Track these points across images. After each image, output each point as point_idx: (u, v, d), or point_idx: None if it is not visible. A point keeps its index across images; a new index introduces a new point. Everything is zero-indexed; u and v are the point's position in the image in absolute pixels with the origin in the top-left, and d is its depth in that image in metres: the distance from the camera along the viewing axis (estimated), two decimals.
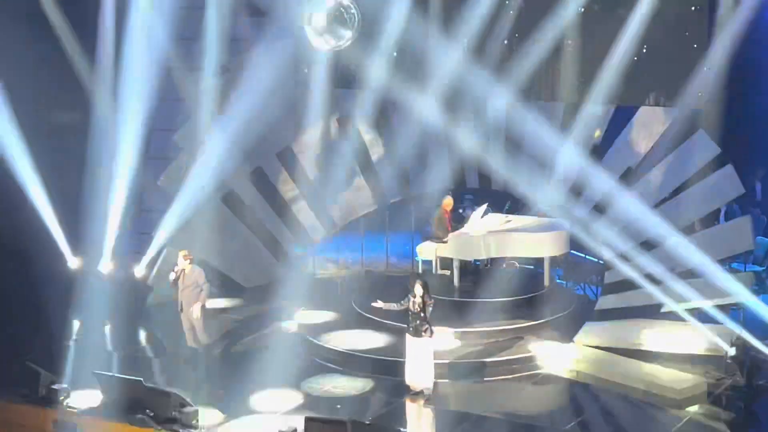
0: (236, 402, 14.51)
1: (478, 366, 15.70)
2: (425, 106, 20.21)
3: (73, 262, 19.50)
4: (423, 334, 14.57)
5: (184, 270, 15.85)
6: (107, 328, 17.63)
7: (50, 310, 17.98)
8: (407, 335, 14.74)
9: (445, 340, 16.01)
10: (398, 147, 20.52)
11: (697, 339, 15.59)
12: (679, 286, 16.39)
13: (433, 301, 14.61)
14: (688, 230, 17.79)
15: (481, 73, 19.30)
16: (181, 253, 16.03)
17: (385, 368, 15.58)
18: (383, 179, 20.61)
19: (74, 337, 17.09)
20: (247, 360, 16.18)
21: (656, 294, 16.43)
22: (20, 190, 18.00)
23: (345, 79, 20.11)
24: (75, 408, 14.25)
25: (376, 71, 19.41)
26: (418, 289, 14.56)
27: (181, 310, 15.95)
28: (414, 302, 14.58)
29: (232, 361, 16.25)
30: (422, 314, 14.54)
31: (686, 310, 15.99)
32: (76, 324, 17.64)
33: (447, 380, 15.39)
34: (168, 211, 19.01)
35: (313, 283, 19.88)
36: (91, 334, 17.27)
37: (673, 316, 16.27)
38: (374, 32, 18.89)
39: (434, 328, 14.67)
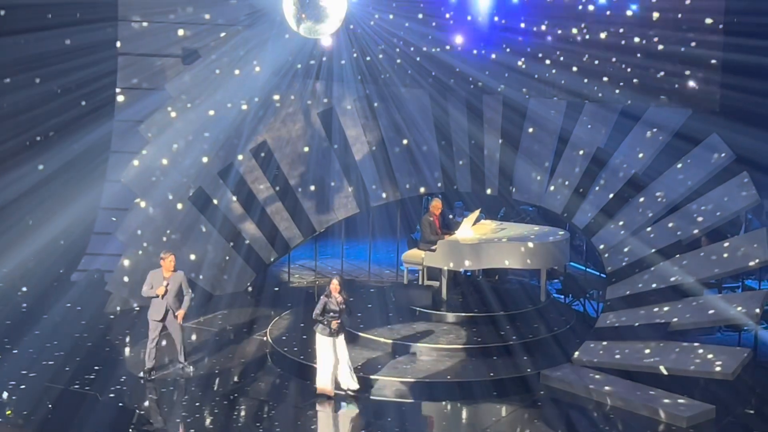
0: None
1: (465, 386, 15.57)
2: (416, 101, 20.25)
3: (31, 263, 19.48)
4: (341, 332, 15.11)
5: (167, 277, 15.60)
6: (62, 335, 17.48)
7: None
8: (325, 337, 15.04)
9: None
10: (384, 145, 20.46)
11: (704, 361, 15.53)
12: (689, 303, 16.38)
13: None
14: (695, 243, 17.76)
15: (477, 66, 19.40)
16: (168, 257, 15.58)
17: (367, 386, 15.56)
18: (367, 180, 20.49)
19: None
20: (212, 377, 16.09)
21: (663, 311, 16.40)
22: None
23: (328, 70, 20.02)
24: (21, 423, 14.01)
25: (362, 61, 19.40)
26: (336, 286, 15.01)
27: (163, 319, 15.65)
28: (336, 300, 14.97)
29: (203, 379, 16.15)
30: (344, 311, 15.07)
31: (695, 329, 15.95)
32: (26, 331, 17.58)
33: (430, 401, 15.30)
34: (131, 210, 18.92)
35: (287, 292, 19.82)
36: (42, 342, 17.14)
37: (679, 336, 16.21)
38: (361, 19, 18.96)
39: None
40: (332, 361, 15.09)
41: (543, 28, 19.47)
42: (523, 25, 19.64)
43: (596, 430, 14.45)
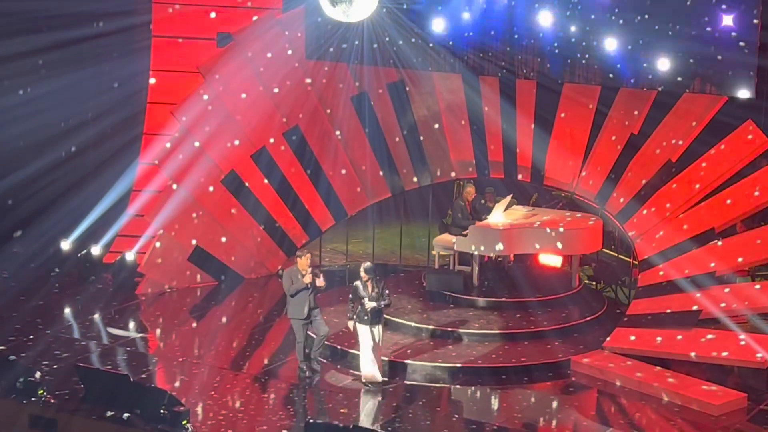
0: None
1: (496, 371, 15.59)
2: (449, 85, 20.12)
3: (64, 244, 19.60)
4: (377, 322, 14.88)
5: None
6: (95, 317, 17.61)
7: (32, 295, 18.11)
8: (361, 326, 14.79)
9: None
10: (416, 129, 20.37)
11: (737, 349, 15.43)
12: (721, 291, 16.25)
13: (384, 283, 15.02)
14: (730, 231, 17.62)
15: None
16: (307, 255, 15.31)
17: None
18: (399, 164, 20.43)
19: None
20: (243, 360, 16.11)
21: (696, 298, 16.28)
22: None
23: (360, 53, 19.91)
24: (54, 402, 14.17)
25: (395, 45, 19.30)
26: (364, 275, 14.80)
27: (307, 317, 15.42)
28: (369, 286, 14.76)
29: (233, 361, 16.20)
30: (383, 300, 14.80)
31: (728, 317, 15.84)
32: (59, 312, 17.72)
33: (460, 386, 15.32)
34: (164, 193, 18.98)
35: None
36: (74, 323, 17.27)
37: (711, 324, 16.10)
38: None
39: None
40: (371, 348, 14.91)
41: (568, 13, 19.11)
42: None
43: (627, 417, 14.43)
